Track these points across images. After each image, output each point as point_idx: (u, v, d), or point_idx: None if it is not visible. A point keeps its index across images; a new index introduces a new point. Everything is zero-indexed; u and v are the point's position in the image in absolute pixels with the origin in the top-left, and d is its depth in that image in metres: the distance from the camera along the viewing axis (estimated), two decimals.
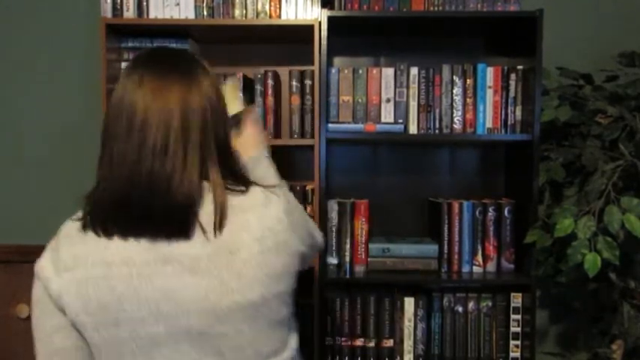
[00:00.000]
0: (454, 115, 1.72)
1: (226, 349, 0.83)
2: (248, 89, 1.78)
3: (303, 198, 1.73)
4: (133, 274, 0.81)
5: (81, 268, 0.82)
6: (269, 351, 0.86)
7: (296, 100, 1.74)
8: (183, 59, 0.89)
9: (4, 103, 1.97)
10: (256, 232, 0.83)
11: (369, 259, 1.74)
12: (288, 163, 1.95)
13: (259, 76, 1.75)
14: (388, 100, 1.73)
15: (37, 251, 2.18)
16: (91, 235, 0.84)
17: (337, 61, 1.94)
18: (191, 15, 1.70)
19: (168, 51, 0.91)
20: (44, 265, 0.85)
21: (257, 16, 1.71)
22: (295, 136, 1.75)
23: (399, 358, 1.75)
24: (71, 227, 0.88)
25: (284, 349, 0.89)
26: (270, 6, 1.70)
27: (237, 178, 0.89)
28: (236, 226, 0.83)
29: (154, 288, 0.80)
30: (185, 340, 0.82)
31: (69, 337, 0.84)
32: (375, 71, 1.73)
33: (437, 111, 1.73)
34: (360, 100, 1.73)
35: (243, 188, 0.87)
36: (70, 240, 0.86)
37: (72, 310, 0.81)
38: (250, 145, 1.07)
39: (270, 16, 1.71)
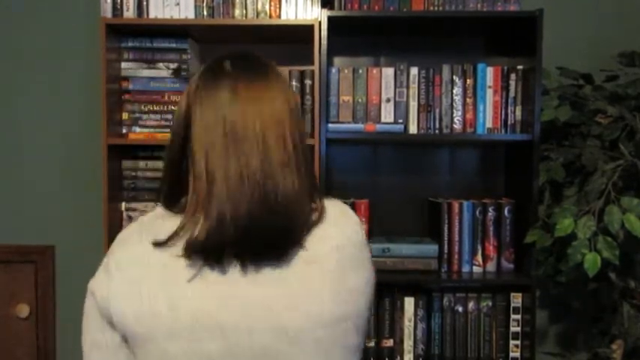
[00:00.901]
0: (454, 115, 1.72)
1: None
2: None
3: None
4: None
5: (136, 266, 0.74)
6: None
7: (296, 99, 1.74)
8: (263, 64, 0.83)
9: (4, 103, 1.97)
10: (335, 241, 0.76)
11: None
12: None
13: None
14: (388, 100, 1.73)
15: (37, 251, 2.19)
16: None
17: (337, 61, 1.94)
18: (191, 15, 1.70)
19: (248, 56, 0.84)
20: (95, 278, 0.77)
21: (257, 16, 1.71)
22: None
23: (399, 357, 1.75)
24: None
25: None
26: (270, 6, 1.70)
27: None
28: (315, 237, 0.76)
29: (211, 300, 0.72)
30: None
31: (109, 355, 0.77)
32: (375, 71, 1.73)
33: (437, 111, 1.73)
34: (360, 100, 1.73)
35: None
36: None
37: (119, 319, 0.73)
38: None
39: (270, 16, 1.71)
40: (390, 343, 1.74)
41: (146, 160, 1.79)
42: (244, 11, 1.70)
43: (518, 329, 1.72)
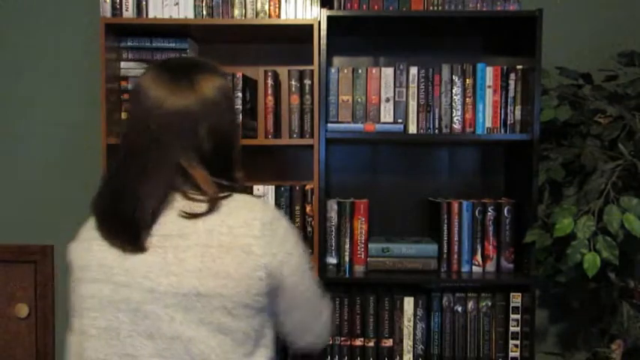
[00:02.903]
0: (454, 114, 1.72)
1: (155, 330, 0.85)
2: (249, 89, 1.78)
3: (302, 198, 1.73)
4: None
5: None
6: (199, 353, 0.84)
7: (295, 99, 1.74)
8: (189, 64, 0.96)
9: (4, 103, 1.97)
10: (213, 225, 0.86)
11: (368, 259, 1.74)
12: (288, 162, 1.95)
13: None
14: (388, 100, 1.73)
15: (36, 251, 2.18)
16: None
17: (337, 60, 1.94)
18: (190, 14, 1.70)
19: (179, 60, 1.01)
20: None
21: (256, 16, 1.71)
22: (295, 135, 1.75)
23: (398, 357, 1.74)
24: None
25: None
26: (270, 5, 1.70)
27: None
28: (208, 220, 0.87)
29: (113, 256, 0.88)
30: (122, 311, 0.86)
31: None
32: (374, 71, 1.73)
33: (436, 111, 1.73)
34: (359, 100, 1.73)
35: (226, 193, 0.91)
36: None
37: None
38: None
39: (270, 16, 1.70)
40: (389, 342, 1.74)
41: None
42: (244, 11, 1.70)
43: (518, 329, 1.72)
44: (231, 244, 0.86)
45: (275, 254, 0.89)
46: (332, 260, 1.76)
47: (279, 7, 1.70)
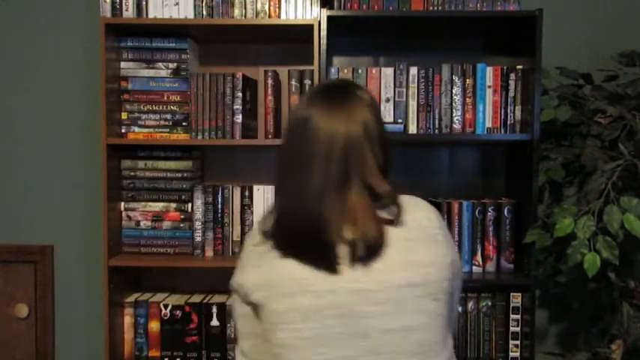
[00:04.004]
0: (454, 114, 1.72)
1: (368, 329, 0.87)
2: (249, 89, 1.78)
3: None
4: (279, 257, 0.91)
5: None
6: (415, 342, 0.88)
7: (295, 99, 1.74)
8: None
9: (4, 103, 1.97)
10: (404, 221, 0.93)
11: None
12: None
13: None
14: (388, 100, 1.73)
15: (36, 251, 2.18)
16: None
17: (337, 60, 1.93)
18: (190, 15, 1.70)
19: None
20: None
21: (256, 16, 1.71)
22: None
23: None
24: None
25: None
26: (270, 6, 1.70)
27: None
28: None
29: (302, 267, 0.89)
30: (329, 317, 0.87)
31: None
32: (374, 71, 1.73)
33: (436, 111, 1.72)
34: None
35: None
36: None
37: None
38: None
39: (270, 16, 1.70)
40: None
41: (145, 159, 1.79)
42: (244, 11, 1.70)
43: (518, 329, 1.72)
44: (424, 235, 0.93)
45: (452, 246, 0.98)
46: None
47: (279, 7, 1.70)
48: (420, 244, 0.92)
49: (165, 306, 1.79)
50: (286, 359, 0.88)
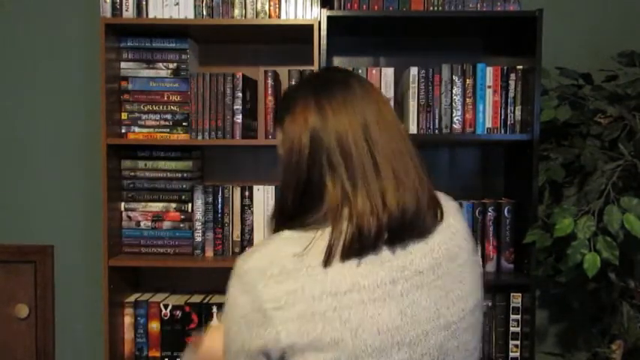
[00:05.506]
0: (454, 114, 1.72)
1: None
2: (249, 89, 1.78)
3: None
4: (365, 301, 0.72)
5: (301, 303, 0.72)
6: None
7: None
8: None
9: (4, 103, 1.97)
10: (465, 234, 0.85)
11: None
12: None
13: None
14: (388, 100, 1.73)
15: (36, 251, 2.18)
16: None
17: (337, 60, 1.94)
18: (190, 15, 1.70)
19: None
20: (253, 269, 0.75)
21: (257, 16, 1.71)
22: None
23: None
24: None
25: None
26: (270, 6, 1.70)
27: None
28: (446, 230, 0.83)
29: (390, 312, 0.73)
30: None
31: None
32: (374, 71, 1.73)
33: (436, 111, 1.72)
34: None
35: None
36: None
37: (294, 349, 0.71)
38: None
39: (270, 16, 1.70)
40: None
41: (145, 160, 1.79)
42: (244, 11, 1.70)
43: (518, 329, 1.72)
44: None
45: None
46: None
47: (279, 7, 1.70)
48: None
49: (166, 306, 1.79)
50: None
